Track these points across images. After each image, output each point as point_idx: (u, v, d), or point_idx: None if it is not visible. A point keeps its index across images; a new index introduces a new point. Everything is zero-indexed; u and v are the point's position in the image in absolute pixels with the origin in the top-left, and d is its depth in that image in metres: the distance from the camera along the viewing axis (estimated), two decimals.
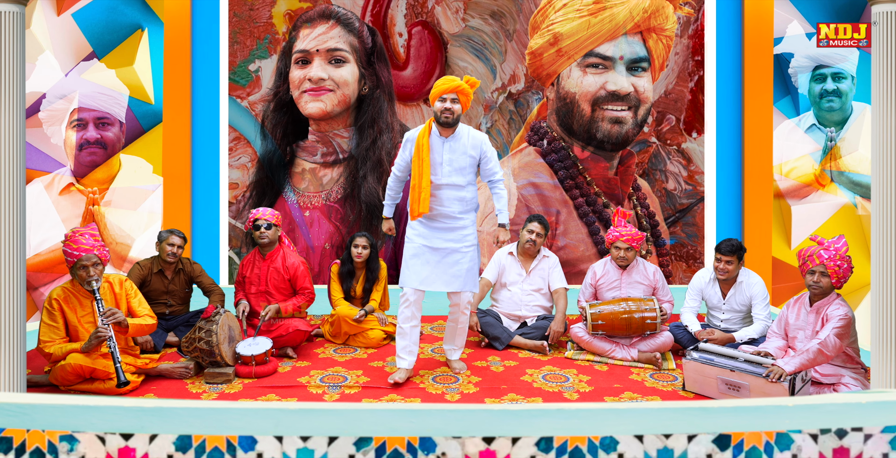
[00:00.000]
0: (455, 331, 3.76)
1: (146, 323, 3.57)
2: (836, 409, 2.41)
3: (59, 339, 3.43)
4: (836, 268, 3.28)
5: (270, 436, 2.36)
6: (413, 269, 3.57)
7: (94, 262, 3.44)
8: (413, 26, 5.44)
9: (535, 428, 2.36)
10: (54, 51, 5.32)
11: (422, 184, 3.47)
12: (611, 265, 4.22)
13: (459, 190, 3.54)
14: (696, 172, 5.46)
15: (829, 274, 3.29)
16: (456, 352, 3.81)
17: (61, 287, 3.51)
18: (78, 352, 3.35)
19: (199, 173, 5.44)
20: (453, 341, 3.79)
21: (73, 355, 3.34)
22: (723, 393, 3.33)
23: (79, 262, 3.43)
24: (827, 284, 3.32)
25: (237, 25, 5.42)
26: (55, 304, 3.44)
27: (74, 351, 3.35)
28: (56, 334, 3.42)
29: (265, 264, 4.22)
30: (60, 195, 5.36)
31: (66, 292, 3.50)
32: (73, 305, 3.49)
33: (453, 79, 3.46)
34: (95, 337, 3.31)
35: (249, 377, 3.63)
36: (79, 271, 3.44)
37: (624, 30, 5.31)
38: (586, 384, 3.59)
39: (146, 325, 3.57)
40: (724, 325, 4.02)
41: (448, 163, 3.52)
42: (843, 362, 3.36)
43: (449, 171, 3.52)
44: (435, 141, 3.53)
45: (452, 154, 3.52)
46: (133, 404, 2.43)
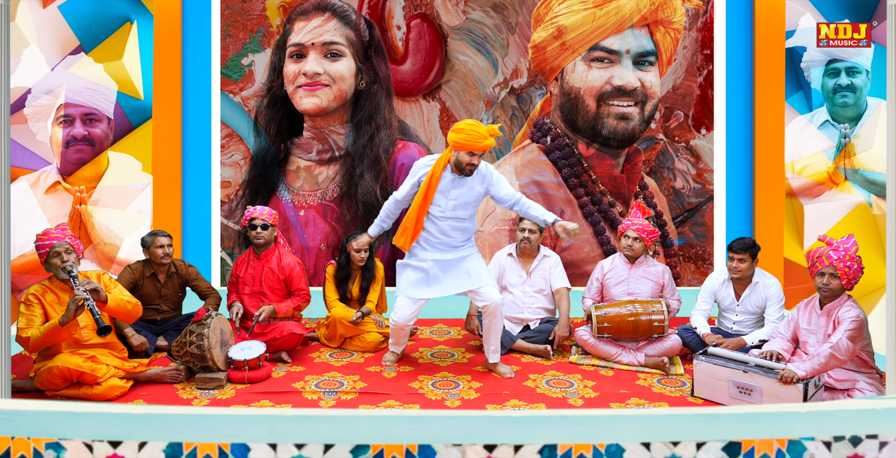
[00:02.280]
0: (489, 333, 3.79)
1: (129, 300, 3.57)
2: (850, 415, 2.41)
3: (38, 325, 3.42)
4: (845, 269, 3.29)
5: (264, 444, 2.36)
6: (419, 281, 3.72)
7: (65, 248, 3.50)
8: (412, 19, 5.44)
9: (539, 436, 2.36)
10: (40, 44, 5.32)
11: (419, 219, 3.62)
12: (619, 260, 4.24)
13: (461, 222, 3.72)
14: (705, 169, 5.46)
15: (839, 275, 3.30)
16: (493, 355, 3.83)
17: (39, 284, 3.55)
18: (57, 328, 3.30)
19: (190, 171, 5.44)
20: (488, 342, 3.82)
21: (59, 357, 3.34)
22: (734, 398, 3.33)
23: (51, 250, 3.48)
24: (837, 286, 3.33)
25: (229, 18, 5.42)
26: (33, 298, 3.47)
27: (53, 327, 3.30)
28: (35, 323, 3.41)
29: (260, 264, 4.22)
30: (46, 194, 5.36)
31: (44, 288, 3.52)
32: (52, 301, 3.51)
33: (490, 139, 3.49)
34: (73, 303, 3.27)
35: (242, 383, 3.63)
36: (52, 260, 3.49)
37: (630, 22, 5.31)
38: (591, 389, 3.59)
39: (129, 302, 3.56)
40: (735, 327, 4.02)
41: (455, 198, 3.64)
42: (857, 366, 3.36)
43: (454, 205, 3.66)
44: (446, 176, 3.64)
45: (460, 189, 3.64)
46: (122, 410, 2.43)
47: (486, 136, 3.47)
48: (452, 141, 3.52)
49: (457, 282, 3.71)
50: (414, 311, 3.77)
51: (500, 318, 3.74)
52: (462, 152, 3.52)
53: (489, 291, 3.68)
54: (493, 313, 3.70)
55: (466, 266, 3.72)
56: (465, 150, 3.50)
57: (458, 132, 3.49)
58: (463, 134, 3.48)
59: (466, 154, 3.51)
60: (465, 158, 3.52)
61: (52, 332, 3.32)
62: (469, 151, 3.50)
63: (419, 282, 3.73)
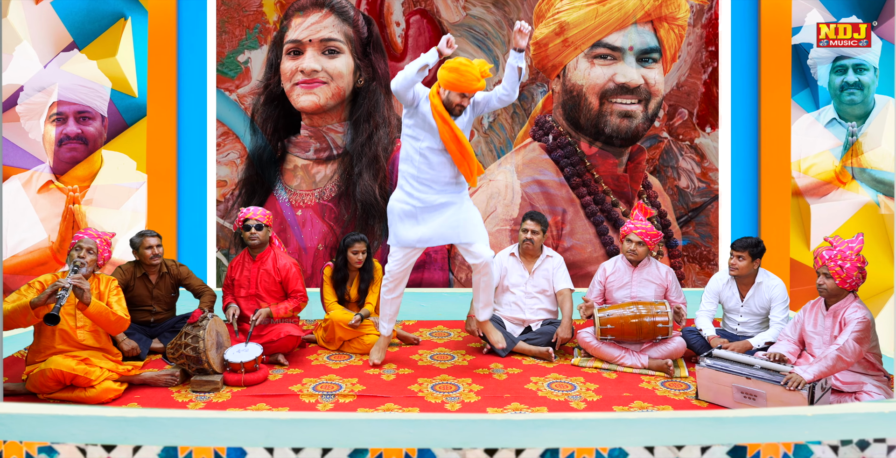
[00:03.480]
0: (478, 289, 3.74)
1: (114, 312, 3.52)
2: (857, 419, 2.41)
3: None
4: (837, 269, 3.29)
5: (260, 448, 2.36)
6: (407, 228, 3.62)
7: (89, 247, 3.60)
8: (411, 15, 5.44)
9: (540, 439, 2.36)
10: (32, 41, 5.32)
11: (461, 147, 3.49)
12: (622, 263, 4.24)
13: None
14: (709, 168, 5.46)
15: (832, 275, 3.30)
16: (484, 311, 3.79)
17: (50, 273, 3.60)
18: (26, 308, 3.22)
19: (185, 170, 5.44)
20: (477, 299, 3.78)
21: (52, 360, 3.34)
22: (738, 402, 3.33)
23: (78, 243, 3.61)
24: (832, 286, 3.33)
25: (225, 14, 5.42)
26: (37, 283, 3.50)
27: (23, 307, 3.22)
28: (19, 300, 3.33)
29: (255, 265, 4.22)
30: (39, 193, 5.36)
31: (53, 277, 3.54)
32: None
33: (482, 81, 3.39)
34: (51, 288, 3.23)
35: (238, 386, 3.63)
36: (73, 251, 3.59)
37: (634, 19, 5.31)
38: (594, 392, 3.59)
39: (113, 314, 3.50)
40: (740, 329, 4.02)
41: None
42: (864, 369, 3.37)
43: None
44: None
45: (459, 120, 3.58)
46: (116, 413, 2.43)
47: (478, 77, 3.37)
48: (443, 79, 3.40)
49: (447, 231, 3.62)
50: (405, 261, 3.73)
51: (492, 276, 3.69)
52: (453, 93, 3.43)
53: (480, 248, 3.64)
54: (483, 270, 3.66)
55: (458, 217, 3.64)
56: (457, 91, 3.42)
57: (452, 71, 3.37)
58: (456, 74, 3.36)
59: (457, 95, 3.43)
60: (455, 98, 3.44)
61: (21, 311, 3.25)
62: (460, 92, 3.42)
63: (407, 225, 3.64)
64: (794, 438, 2.38)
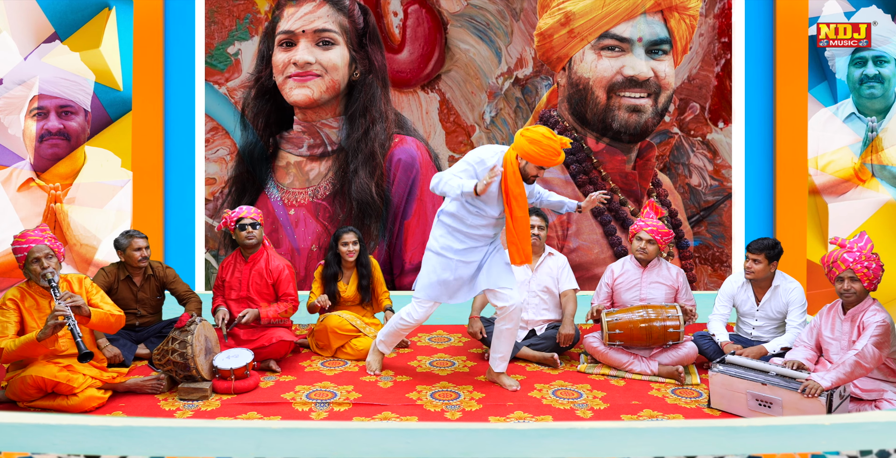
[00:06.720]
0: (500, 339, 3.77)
1: (112, 313, 3.57)
2: (877, 428, 2.41)
3: (12, 335, 3.40)
4: (864, 270, 3.28)
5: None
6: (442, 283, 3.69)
7: (45, 253, 3.48)
8: (409, 5, 5.44)
9: (545, 450, 2.36)
10: (12, 32, 5.32)
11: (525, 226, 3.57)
12: (630, 264, 4.24)
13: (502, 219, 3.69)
14: (722, 165, 5.47)
15: (859, 278, 3.30)
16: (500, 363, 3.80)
17: (16, 287, 3.54)
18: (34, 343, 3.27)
19: (172, 167, 5.44)
20: (496, 349, 3.80)
21: (33, 367, 3.35)
22: (752, 410, 3.33)
23: (29, 255, 3.47)
24: (860, 289, 3.33)
25: (214, 3, 5.42)
26: (10, 303, 3.46)
27: (30, 342, 3.28)
28: (9, 331, 3.39)
29: (247, 267, 4.23)
30: (19, 192, 5.37)
31: (23, 292, 3.52)
32: (30, 306, 3.50)
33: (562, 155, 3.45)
34: (52, 318, 3.24)
35: (228, 393, 3.63)
36: (31, 265, 3.47)
37: (643, 8, 5.32)
38: (601, 400, 3.59)
39: (112, 315, 3.56)
40: (755, 333, 4.02)
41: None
42: (884, 375, 3.37)
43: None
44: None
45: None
46: (99, 422, 2.44)
47: (559, 152, 3.44)
48: (523, 150, 3.44)
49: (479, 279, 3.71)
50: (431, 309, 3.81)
51: (517, 325, 3.73)
52: (531, 164, 3.50)
53: (510, 292, 3.67)
54: (510, 316, 3.67)
55: (490, 262, 3.71)
56: (537, 164, 3.48)
57: (534, 144, 3.41)
58: (537, 147, 3.41)
59: (535, 167, 3.50)
60: (532, 170, 3.51)
61: (28, 346, 3.31)
62: (539, 165, 3.49)
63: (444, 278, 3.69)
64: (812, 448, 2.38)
